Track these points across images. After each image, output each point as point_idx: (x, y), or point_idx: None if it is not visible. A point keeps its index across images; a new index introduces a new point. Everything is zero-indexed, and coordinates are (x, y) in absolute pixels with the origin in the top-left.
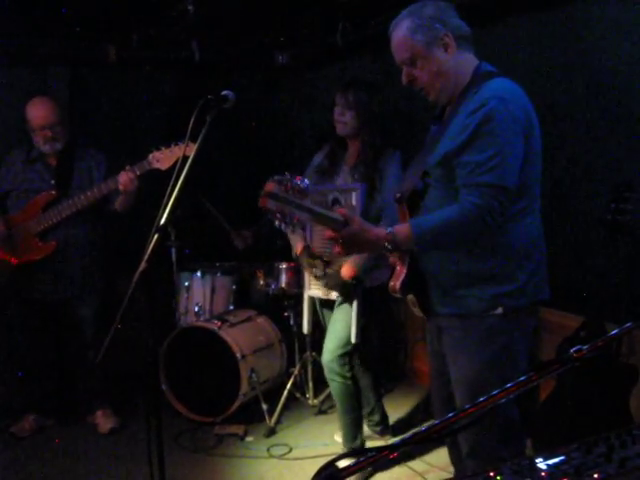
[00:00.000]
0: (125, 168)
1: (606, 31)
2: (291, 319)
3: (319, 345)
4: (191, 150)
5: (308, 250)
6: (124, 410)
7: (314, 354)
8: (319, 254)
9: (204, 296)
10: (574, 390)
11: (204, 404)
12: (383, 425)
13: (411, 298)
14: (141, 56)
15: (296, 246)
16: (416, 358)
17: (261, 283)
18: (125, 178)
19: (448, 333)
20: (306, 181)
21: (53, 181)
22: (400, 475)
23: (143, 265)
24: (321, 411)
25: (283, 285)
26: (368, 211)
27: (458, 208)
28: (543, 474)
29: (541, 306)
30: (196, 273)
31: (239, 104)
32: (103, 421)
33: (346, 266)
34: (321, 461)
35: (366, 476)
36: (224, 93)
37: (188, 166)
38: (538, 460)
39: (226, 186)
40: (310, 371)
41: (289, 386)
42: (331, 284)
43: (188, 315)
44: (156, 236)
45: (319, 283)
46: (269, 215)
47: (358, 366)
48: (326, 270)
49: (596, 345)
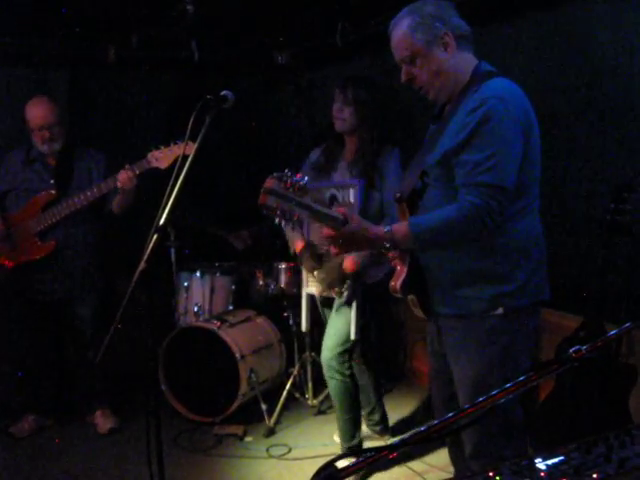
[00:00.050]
0: (124, 167)
1: (606, 31)
2: (290, 319)
3: (318, 345)
4: (191, 149)
5: (309, 248)
6: (123, 410)
7: (313, 354)
8: (318, 250)
9: (203, 296)
10: (573, 390)
11: (203, 404)
12: (383, 425)
13: (412, 298)
14: (141, 56)
15: (295, 244)
16: (416, 358)
17: (260, 283)
18: (124, 176)
19: (449, 334)
20: (306, 178)
21: (52, 181)
22: (399, 475)
23: (142, 265)
24: (320, 411)
25: (282, 285)
26: (367, 208)
27: (457, 208)
28: (542, 474)
29: (541, 306)
30: (195, 273)
31: (239, 104)
32: (102, 421)
33: (348, 260)
34: (320, 461)
35: (362, 476)
36: (223, 93)
37: (188, 166)
38: (537, 460)
39: (226, 186)
40: (309, 371)
41: (288, 386)
42: (329, 279)
43: (187, 315)
44: (155, 236)
45: (317, 278)
46: (268, 212)
47: (358, 365)
48: (324, 263)
49: (595, 345)
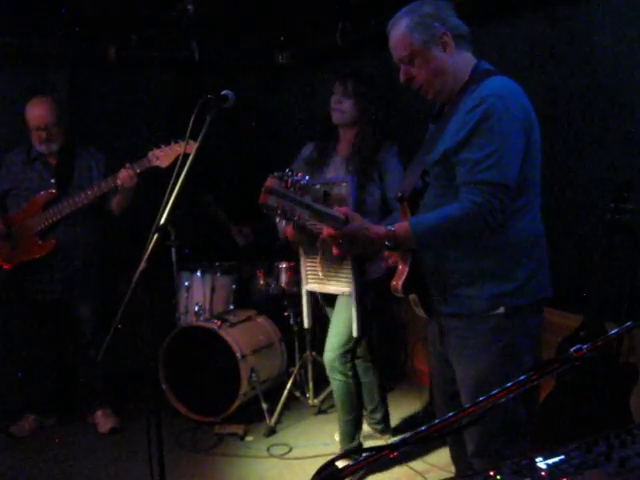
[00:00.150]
0: (125, 166)
1: (606, 31)
2: (291, 318)
3: (320, 343)
4: (191, 148)
5: (299, 227)
6: (124, 410)
7: (314, 354)
8: (309, 230)
9: (204, 296)
10: (574, 389)
11: (204, 404)
12: (384, 424)
13: (413, 298)
14: (141, 56)
15: (284, 229)
16: (416, 358)
17: (261, 283)
18: (125, 175)
19: (451, 333)
20: (307, 178)
21: (53, 180)
22: (400, 475)
23: (143, 265)
24: (321, 411)
25: (283, 284)
26: (364, 203)
27: (458, 206)
28: (543, 473)
29: (544, 304)
30: (196, 273)
31: (239, 104)
32: (103, 421)
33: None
34: (321, 461)
35: (361, 476)
36: (224, 93)
37: (188, 165)
38: (538, 459)
39: (226, 186)
40: (310, 371)
41: (289, 386)
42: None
43: (188, 315)
44: (156, 236)
45: (316, 269)
46: (269, 211)
47: (363, 362)
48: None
49: (596, 344)
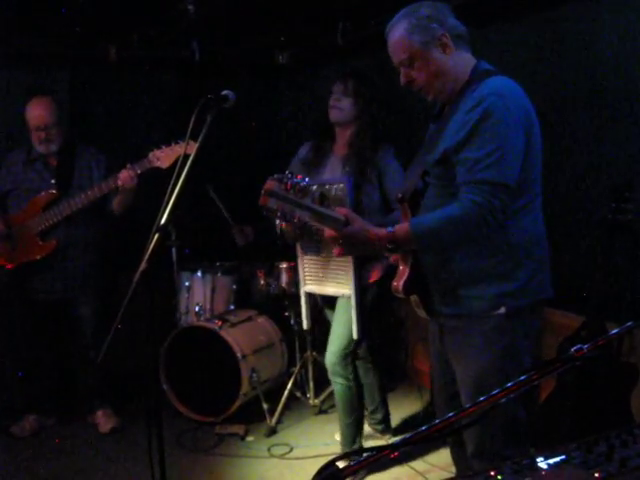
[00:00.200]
0: (126, 166)
1: (606, 31)
2: (291, 319)
3: (320, 344)
4: (192, 149)
5: (299, 229)
6: (125, 410)
7: (315, 354)
8: (309, 231)
9: (205, 296)
10: (575, 389)
11: (205, 404)
12: (385, 424)
13: (414, 299)
14: (141, 56)
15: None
16: (417, 358)
17: (262, 283)
18: (125, 175)
19: (451, 334)
20: (307, 179)
21: (53, 180)
22: (401, 475)
23: (143, 265)
24: (322, 411)
25: (283, 285)
26: (359, 204)
27: (458, 206)
28: (544, 473)
29: (544, 305)
30: (197, 273)
31: (239, 104)
32: (104, 421)
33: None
34: (322, 461)
35: (362, 476)
36: (224, 93)
37: (189, 165)
38: (539, 459)
39: (226, 186)
40: (311, 371)
41: (290, 386)
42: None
43: (189, 315)
44: (157, 236)
45: (315, 268)
46: (269, 213)
47: (364, 363)
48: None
49: (597, 344)
